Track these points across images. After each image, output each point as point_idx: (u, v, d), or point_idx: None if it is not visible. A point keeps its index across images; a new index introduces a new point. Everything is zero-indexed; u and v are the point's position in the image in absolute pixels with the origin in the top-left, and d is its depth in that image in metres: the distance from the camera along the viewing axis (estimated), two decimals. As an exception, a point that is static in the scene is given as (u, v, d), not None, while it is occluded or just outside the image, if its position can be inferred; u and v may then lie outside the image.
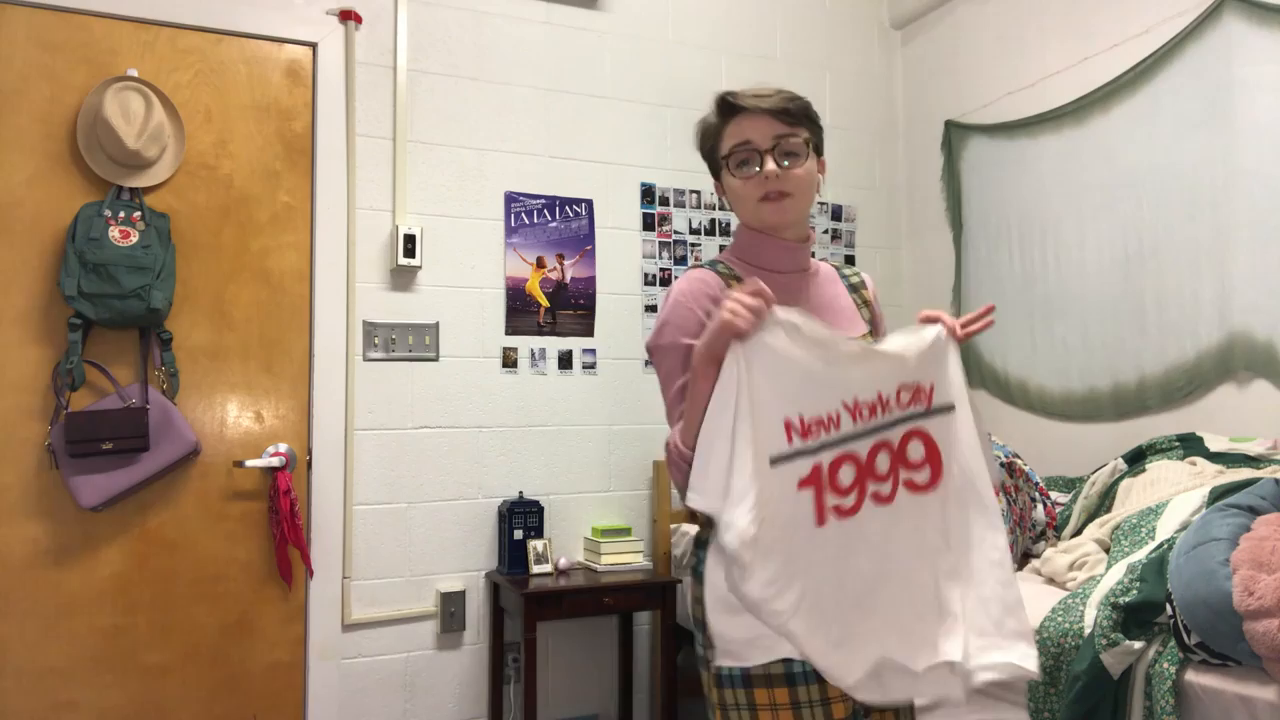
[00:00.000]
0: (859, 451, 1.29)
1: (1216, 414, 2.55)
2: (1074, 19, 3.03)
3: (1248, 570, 1.53)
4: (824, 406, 1.26)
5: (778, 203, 1.43)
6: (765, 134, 1.43)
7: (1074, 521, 2.49)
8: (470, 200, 3.05)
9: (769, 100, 1.44)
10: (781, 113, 1.44)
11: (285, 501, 2.66)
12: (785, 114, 1.44)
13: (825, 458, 1.26)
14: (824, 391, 1.26)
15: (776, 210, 1.44)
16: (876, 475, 1.30)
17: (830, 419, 1.26)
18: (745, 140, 1.43)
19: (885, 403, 1.31)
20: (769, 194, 1.43)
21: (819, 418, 1.26)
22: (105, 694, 2.54)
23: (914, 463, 1.33)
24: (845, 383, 1.28)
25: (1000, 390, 3.29)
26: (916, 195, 3.73)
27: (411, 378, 2.93)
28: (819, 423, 1.26)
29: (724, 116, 1.47)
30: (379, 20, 2.95)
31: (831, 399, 1.27)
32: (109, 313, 2.48)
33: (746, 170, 1.44)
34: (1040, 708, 1.81)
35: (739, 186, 1.45)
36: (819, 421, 1.26)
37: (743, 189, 1.45)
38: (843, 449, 1.27)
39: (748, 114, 1.44)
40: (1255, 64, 2.45)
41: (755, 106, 1.43)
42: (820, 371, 1.26)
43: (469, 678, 2.96)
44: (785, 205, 1.44)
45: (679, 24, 3.40)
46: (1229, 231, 2.50)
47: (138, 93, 2.57)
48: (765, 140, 1.43)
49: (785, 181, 1.43)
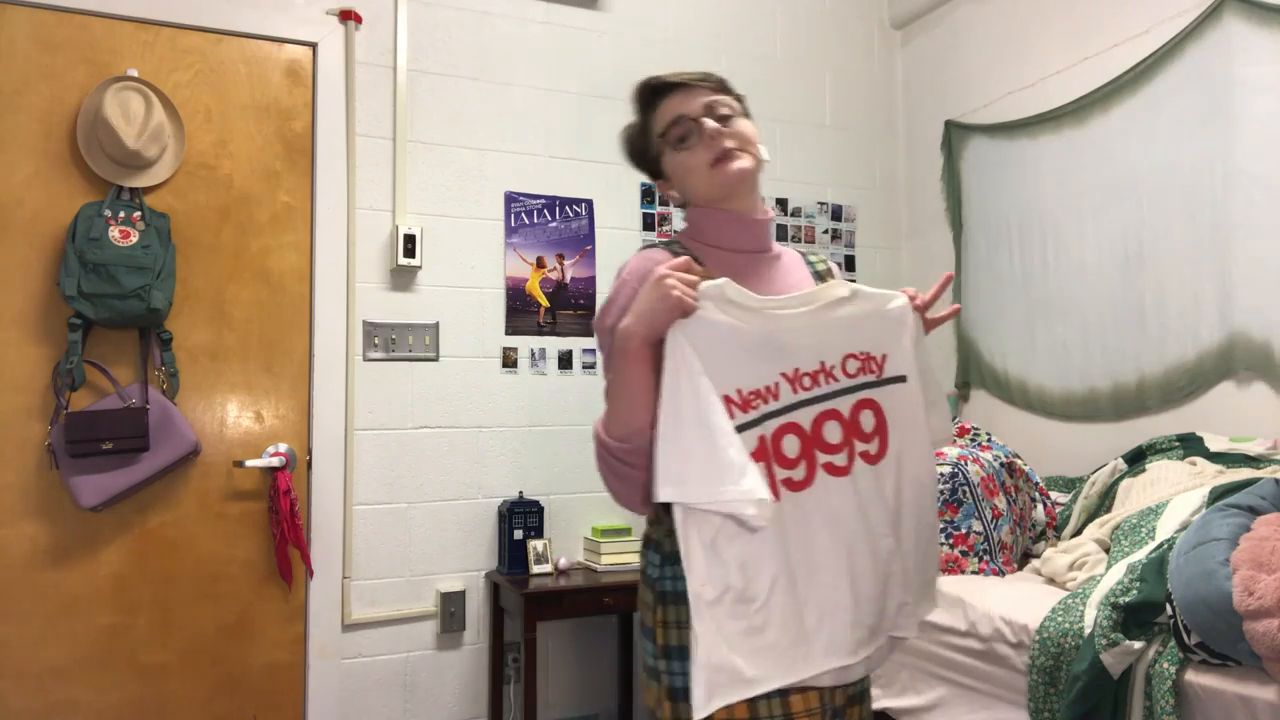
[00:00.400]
0: (801, 422, 1.25)
1: (1216, 414, 2.55)
2: (1074, 19, 3.03)
3: (1248, 570, 1.53)
4: (762, 378, 1.23)
5: (732, 161, 1.37)
6: (695, 104, 1.39)
7: (1074, 521, 2.49)
8: (470, 200, 3.05)
9: (688, 74, 1.42)
10: (702, 82, 1.41)
11: (285, 501, 2.66)
12: (706, 82, 1.42)
13: (768, 429, 1.23)
14: (761, 363, 1.24)
15: (734, 169, 1.37)
16: (827, 446, 1.27)
17: (769, 390, 1.24)
18: (677, 115, 1.39)
19: (829, 372, 1.28)
20: (720, 154, 1.37)
21: (757, 390, 1.23)
22: (105, 694, 2.54)
23: (867, 433, 1.30)
24: (784, 352, 1.25)
25: (1000, 390, 3.29)
26: (916, 195, 3.73)
27: (411, 378, 2.93)
28: (757, 394, 1.23)
29: (647, 107, 1.43)
30: (379, 20, 2.95)
31: (769, 370, 1.24)
32: (109, 313, 2.48)
33: (687, 142, 1.39)
34: (1040, 708, 1.81)
35: (685, 159, 1.39)
36: (757, 393, 1.23)
37: (691, 159, 1.38)
38: (783, 419, 1.24)
39: (672, 93, 1.41)
40: (1255, 64, 2.45)
41: (676, 79, 1.41)
42: (756, 342, 1.24)
43: (469, 678, 2.96)
44: (742, 161, 1.38)
45: (679, 24, 3.40)
46: (1229, 231, 2.50)
47: (138, 93, 2.57)
48: (697, 109, 1.38)
49: (733, 136, 1.38)
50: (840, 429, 1.27)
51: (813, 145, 3.63)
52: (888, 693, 2.27)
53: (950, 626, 2.09)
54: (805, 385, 1.26)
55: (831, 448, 1.27)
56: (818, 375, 1.27)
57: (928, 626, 2.15)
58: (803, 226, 3.60)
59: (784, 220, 3.57)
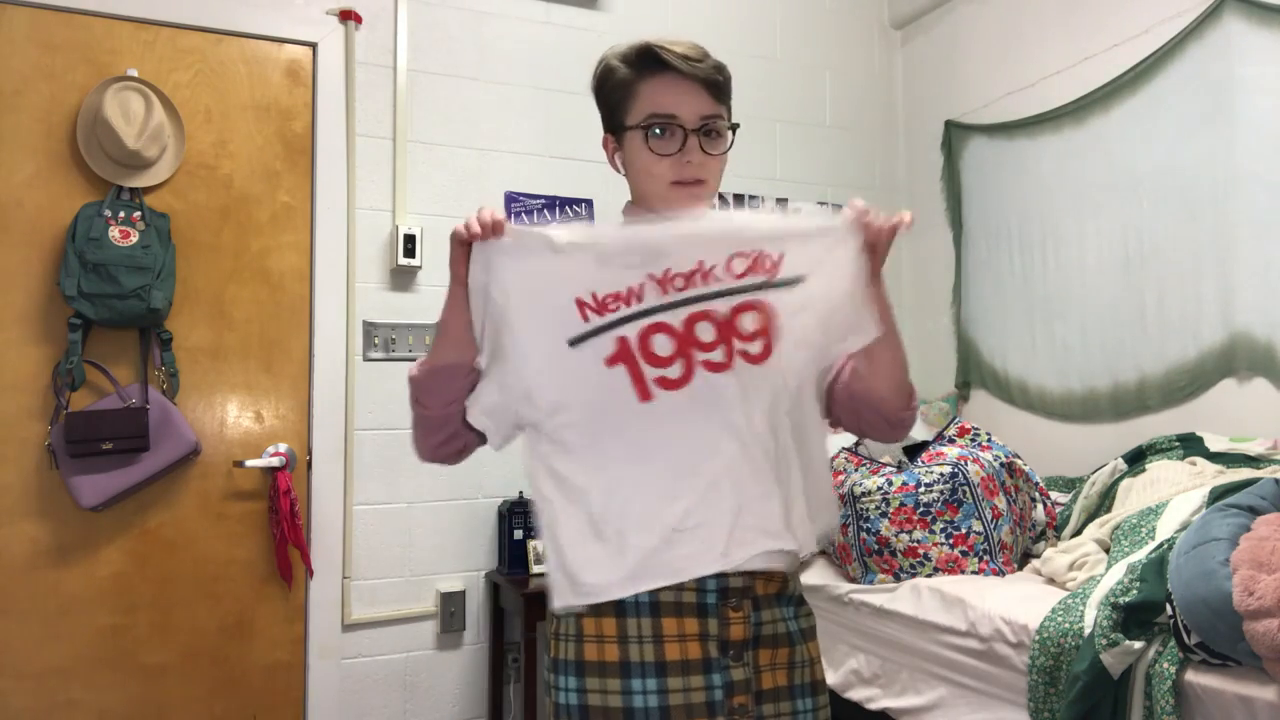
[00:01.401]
0: (671, 322, 1.20)
1: (1217, 414, 2.55)
2: (1074, 19, 3.03)
3: (1248, 570, 1.53)
4: (622, 282, 1.20)
5: (692, 189, 1.28)
6: (692, 110, 1.26)
7: (1074, 521, 2.49)
8: (470, 200, 3.05)
9: (701, 67, 1.27)
10: (711, 85, 1.28)
11: (285, 501, 2.66)
12: (715, 87, 1.28)
13: (630, 330, 1.19)
14: (622, 269, 1.20)
15: (689, 198, 1.28)
16: (701, 344, 1.20)
17: (631, 292, 1.20)
18: (670, 115, 1.26)
19: (706, 272, 1.21)
20: (685, 180, 1.27)
21: (615, 292, 1.19)
22: (105, 694, 2.54)
23: (746, 334, 1.22)
24: (656, 255, 1.20)
25: (1000, 390, 3.29)
26: (916, 195, 3.73)
27: (411, 378, 2.93)
28: (616, 297, 1.19)
29: (642, 71, 1.29)
30: (379, 20, 2.95)
31: (633, 274, 1.20)
32: (109, 313, 2.48)
33: (664, 146, 1.27)
34: (1040, 708, 1.81)
35: (652, 164, 1.28)
36: (615, 296, 1.20)
37: (656, 167, 1.27)
38: (650, 320, 1.19)
39: (673, 77, 1.27)
40: (1255, 64, 2.45)
41: (687, 71, 1.26)
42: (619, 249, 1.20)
43: (469, 678, 2.96)
44: (699, 193, 1.29)
45: (679, 24, 3.40)
46: (1229, 231, 2.50)
47: (138, 93, 2.57)
48: (692, 118, 1.26)
49: (704, 169, 1.28)
50: (713, 328, 1.21)
51: (813, 145, 3.63)
52: (888, 693, 2.27)
53: (950, 626, 2.09)
54: (677, 286, 1.20)
55: (706, 345, 1.21)
56: (693, 275, 1.21)
57: (930, 629, 2.15)
58: (803, 226, 3.59)
59: (784, 220, 3.56)
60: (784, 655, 1.27)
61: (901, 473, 2.44)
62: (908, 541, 2.34)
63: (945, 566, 2.31)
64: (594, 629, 1.22)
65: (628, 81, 1.30)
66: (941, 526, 2.34)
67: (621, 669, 1.20)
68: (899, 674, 2.24)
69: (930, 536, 2.33)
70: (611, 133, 1.36)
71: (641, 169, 1.30)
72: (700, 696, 1.19)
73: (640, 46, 1.30)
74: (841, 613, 2.42)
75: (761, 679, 1.24)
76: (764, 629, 1.26)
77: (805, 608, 1.34)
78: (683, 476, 1.20)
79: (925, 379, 3.62)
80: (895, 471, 2.47)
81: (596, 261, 1.20)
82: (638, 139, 1.29)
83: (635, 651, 1.20)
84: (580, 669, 1.22)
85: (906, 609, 2.22)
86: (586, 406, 1.21)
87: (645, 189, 1.32)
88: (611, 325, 1.20)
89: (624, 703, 1.19)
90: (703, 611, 1.22)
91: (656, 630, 1.21)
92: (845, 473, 2.59)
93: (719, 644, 1.22)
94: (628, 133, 1.30)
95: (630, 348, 1.19)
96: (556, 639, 1.27)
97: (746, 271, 1.22)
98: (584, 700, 1.21)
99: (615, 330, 1.20)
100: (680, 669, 1.20)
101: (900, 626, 2.23)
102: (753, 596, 1.25)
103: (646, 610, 1.21)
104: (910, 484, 2.38)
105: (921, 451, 2.58)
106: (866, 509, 2.39)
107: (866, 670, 2.34)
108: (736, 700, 1.21)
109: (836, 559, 2.55)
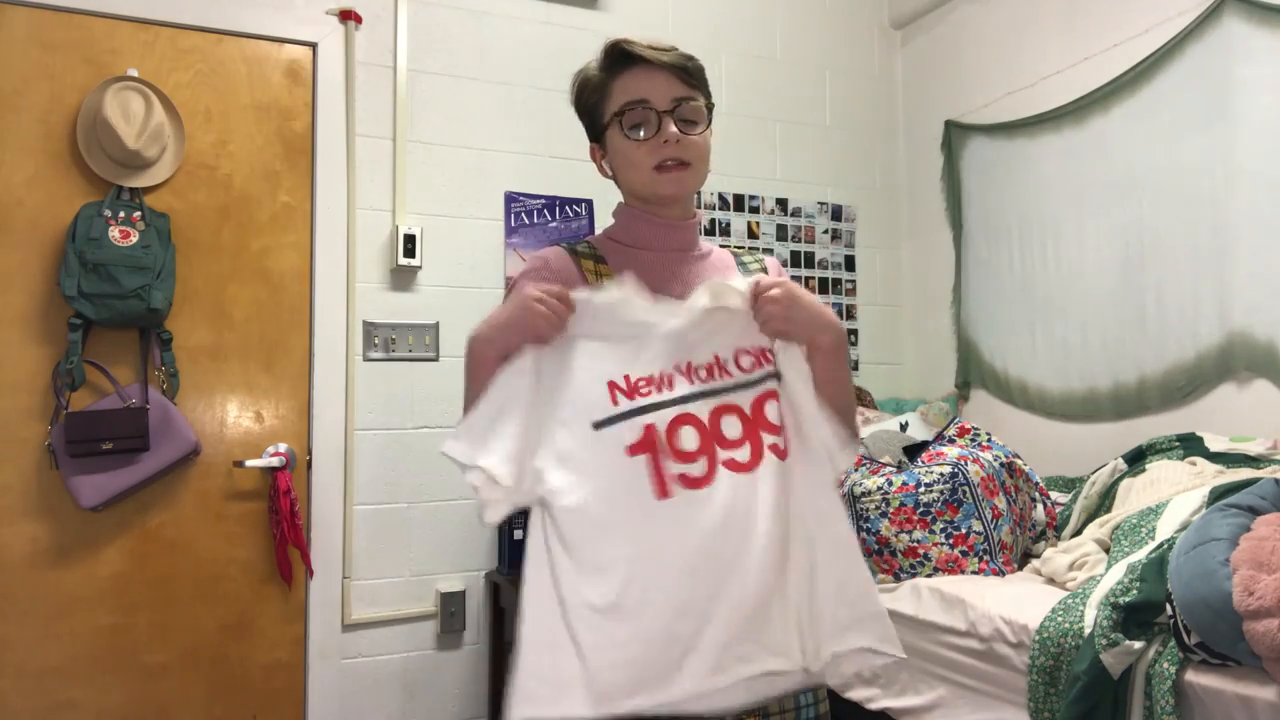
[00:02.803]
0: (699, 414, 1.15)
1: (1216, 414, 2.55)
2: (1074, 19, 3.03)
3: (1248, 570, 1.53)
4: (654, 367, 1.16)
5: (675, 173, 1.29)
6: (664, 93, 1.28)
7: (1074, 521, 2.49)
8: (470, 200, 3.05)
9: (668, 55, 1.29)
10: (680, 70, 1.30)
11: (285, 501, 2.66)
12: (684, 72, 1.30)
13: (659, 419, 1.13)
14: (652, 356, 1.16)
15: (673, 181, 1.29)
16: (727, 441, 1.15)
17: (662, 378, 1.15)
18: (641, 98, 1.28)
19: (723, 366, 1.19)
20: (666, 161, 1.28)
21: (648, 376, 1.15)
22: (105, 694, 2.54)
23: (773, 426, 1.18)
24: (677, 347, 1.17)
25: (1000, 390, 3.29)
26: (916, 195, 3.73)
27: (411, 378, 2.93)
28: (649, 381, 1.15)
29: (613, 69, 1.31)
30: (379, 20, 2.95)
31: (662, 361, 1.16)
32: (109, 313, 2.48)
33: (640, 131, 1.28)
34: (1040, 708, 1.81)
35: (631, 150, 1.29)
36: (648, 380, 1.15)
37: (635, 153, 1.29)
38: (679, 409, 1.14)
39: (643, 67, 1.29)
40: (1255, 64, 2.45)
41: (654, 59, 1.28)
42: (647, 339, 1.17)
43: (469, 678, 2.96)
44: (683, 176, 1.30)
45: (679, 24, 3.40)
46: (1229, 231, 2.50)
47: (138, 93, 2.57)
48: (664, 100, 1.28)
49: (685, 149, 1.28)
50: (740, 422, 1.16)
51: (813, 145, 3.63)
52: (888, 693, 2.27)
53: (950, 626, 2.09)
54: (701, 377, 1.17)
55: (733, 443, 1.15)
56: (712, 369, 1.18)
57: (930, 629, 2.15)
58: (803, 226, 3.60)
59: (784, 220, 3.57)
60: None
61: (901, 473, 2.44)
62: (908, 541, 2.34)
63: (945, 566, 2.31)
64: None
65: (601, 82, 1.33)
66: (941, 526, 2.34)
67: None
68: (899, 674, 2.24)
69: (930, 536, 2.33)
70: (595, 140, 1.38)
71: (624, 160, 1.32)
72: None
73: (608, 45, 1.32)
74: (841, 613, 2.42)
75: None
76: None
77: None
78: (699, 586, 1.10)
79: (925, 379, 3.62)
80: (895, 471, 2.47)
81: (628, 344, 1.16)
82: (617, 133, 1.31)
83: None
84: None
85: (906, 609, 2.22)
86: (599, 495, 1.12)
87: (631, 181, 1.33)
88: (643, 410, 1.14)
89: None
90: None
91: None
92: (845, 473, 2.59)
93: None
94: (608, 131, 1.33)
95: (657, 437, 1.13)
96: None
97: (754, 366, 1.20)
98: None
99: (644, 416, 1.14)
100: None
101: (900, 626, 2.21)
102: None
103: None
104: (910, 484, 2.38)
105: (921, 451, 2.58)
106: (866, 509, 2.39)
107: (866, 670, 2.34)
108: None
109: (836, 559, 2.55)
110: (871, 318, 3.70)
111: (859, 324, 3.68)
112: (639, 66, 1.29)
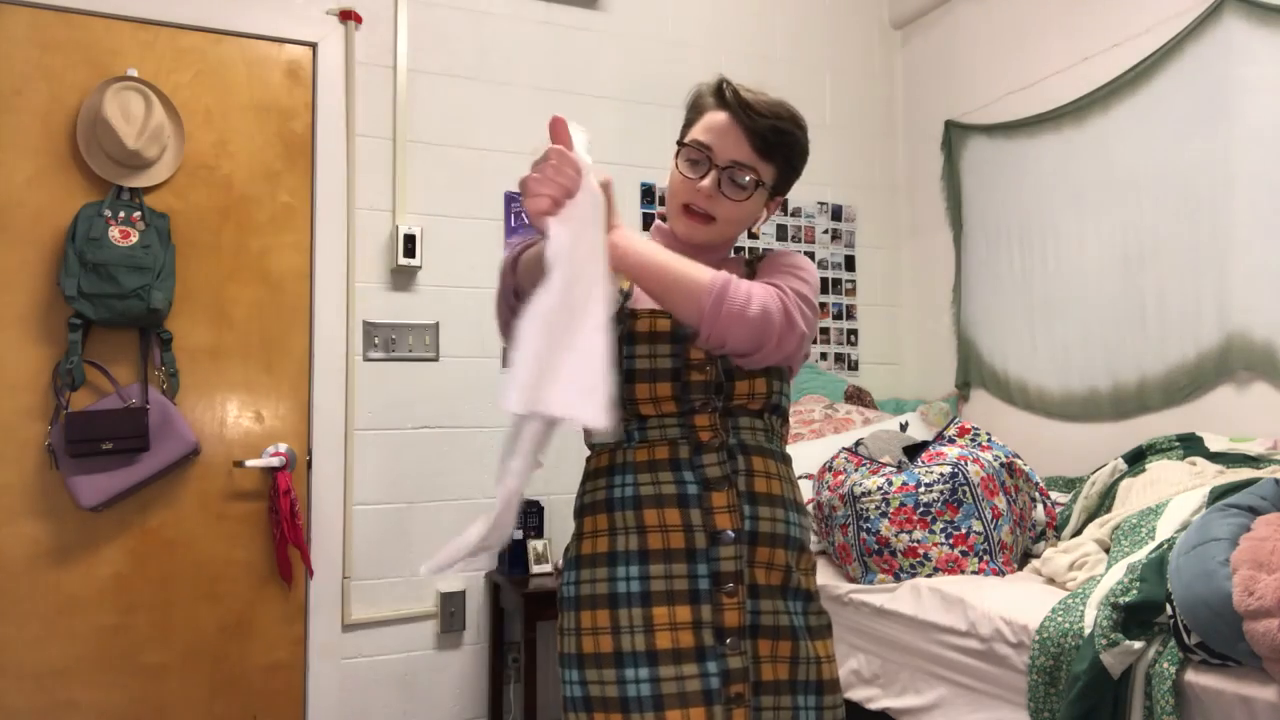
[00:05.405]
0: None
1: (1216, 414, 2.55)
2: (1074, 19, 3.03)
3: (1248, 570, 1.53)
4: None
5: (695, 220, 1.35)
6: (728, 150, 1.33)
7: (1074, 521, 2.49)
8: (470, 200, 3.05)
9: (757, 120, 1.33)
10: (759, 138, 1.34)
11: (285, 501, 2.66)
12: (762, 141, 1.34)
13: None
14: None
15: (690, 227, 1.35)
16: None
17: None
18: (708, 145, 1.33)
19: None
20: (692, 206, 1.34)
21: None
22: (105, 694, 2.54)
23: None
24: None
25: (1000, 390, 3.29)
26: (916, 195, 3.73)
27: (411, 378, 2.93)
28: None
29: (713, 101, 1.37)
30: (379, 20, 2.95)
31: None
32: (109, 313, 2.48)
33: (690, 169, 1.35)
34: (1040, 708, 1.81)
35: (676, 179, 1.36)
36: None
37: (677, 184, 1.36)
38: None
39: (729, 116, 1.34)
40: (1255, 64, 2.45)
41: (740, 118, 1.33)
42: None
43: (469, 678, 2.96)
44: (702, 228, 1.35)
45: (679, 24, 3.40)
46: (1229, 232, 2.50)
47: (138, 93, 2.57)
48: (723, 157, 1.33)
49: (715, 205, 1.33)
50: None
51: (813, 145, 3.59)
52: (888, 693, 2.27)
53: (950, 626, 2.09)
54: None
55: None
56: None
57: (931, 628, 2.15)
58: (803, 226, 3.60)
59: (784, 220, 3.57)
60: (786, 649, 1.27)
61: (901, 473, 2.44)
62: (908, 541, 2.33)
63: (945, 566, 2.31)
64: (589, 622, 1.24)
65: (699, 107, 1.39)
66: (941, 526, 2.34)
67: (615, 659, 1.21)
68: (899, 674, 2.24)
69: (930, 536, 2.33)
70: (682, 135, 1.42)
71: (669, 184, 1.39)
72: (695, 685, 1.20)
73: (718, 83, 1.38)
74: (841, 613, 2.42)
75: (761, 670, 1.25)
76: (762, 618, 1.26)
77: (815, 605, 1.35)
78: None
79: (925, 379, 3.63)
80: (895, 471, 2.47)
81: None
82: (679, 157, 1.37)
83: (628, 641, 1.22)
84: (580, 661, 1.24)
85: (906, 609, 2.22)
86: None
87: (668, 204, 1.40)
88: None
89: (619, 692, 1.20)
90: (695, 598, 1.23)
91: (647, 620, 1.22)
92: (845, 473, 2.59)
93: (714, 631, 1.22)
94: (679, 149, 1.38)
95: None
96: (559, 634, 1.30)
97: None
98: (586, 692, 1.23)
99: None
100: (673, 657, 1.21)
101: (900, 626, 2.23)
102: (750, 584, 1.26)
103: (638, 600, 1.23)
104: (910, 484, 2.38)
105: (921, 451, 2.58)
106: (866, 509, 2.39)
107: (866, 670, 2.34)
108: (734, 689, 1.22)
109: (836, 559, 2.55)
110: (871, 318, 3.71)
111: (859, 324, 3.68)
112: (728, 113, 1.34)
